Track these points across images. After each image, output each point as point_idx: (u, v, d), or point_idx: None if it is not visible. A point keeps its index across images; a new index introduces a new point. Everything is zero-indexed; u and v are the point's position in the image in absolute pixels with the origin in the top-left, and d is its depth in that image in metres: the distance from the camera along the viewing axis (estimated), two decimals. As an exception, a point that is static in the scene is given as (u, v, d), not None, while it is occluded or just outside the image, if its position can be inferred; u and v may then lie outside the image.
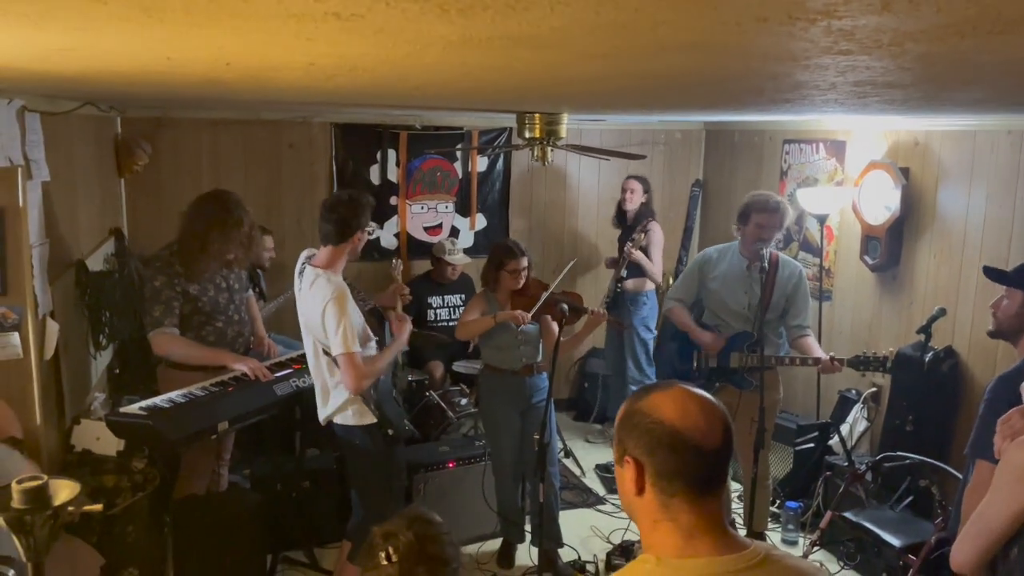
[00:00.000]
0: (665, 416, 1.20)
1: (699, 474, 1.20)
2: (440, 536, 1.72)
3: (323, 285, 3.14)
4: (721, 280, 4.02)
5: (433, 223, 5.73)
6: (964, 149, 4.06)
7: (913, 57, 1.35)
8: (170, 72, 1.54)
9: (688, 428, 1.19)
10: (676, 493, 1.21)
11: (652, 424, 1.21)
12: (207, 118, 5.06)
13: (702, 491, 1.21)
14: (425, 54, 1.38)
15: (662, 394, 1.24)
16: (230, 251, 3.52)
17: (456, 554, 1.75)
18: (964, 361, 4.06)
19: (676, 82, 1.91)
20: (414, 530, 1.69)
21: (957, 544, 2.00)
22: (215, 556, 3.39)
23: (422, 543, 1.67)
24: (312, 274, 3.22)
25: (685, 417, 1.19)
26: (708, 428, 1.19)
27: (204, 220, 3.45)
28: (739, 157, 5.86)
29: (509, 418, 3.91)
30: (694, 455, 1.19)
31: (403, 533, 1.68)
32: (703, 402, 1.22)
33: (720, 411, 1.22)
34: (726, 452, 1.21)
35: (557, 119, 3.91)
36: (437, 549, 1.68)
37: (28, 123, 2.98)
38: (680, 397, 1.22)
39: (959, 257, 4.10)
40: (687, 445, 1.18)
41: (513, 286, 3.84)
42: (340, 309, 3.05)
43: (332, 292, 3.09)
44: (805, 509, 4.39)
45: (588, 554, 4.16)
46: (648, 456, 1.22)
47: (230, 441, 3.95)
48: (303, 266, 3.33)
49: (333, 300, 3.06)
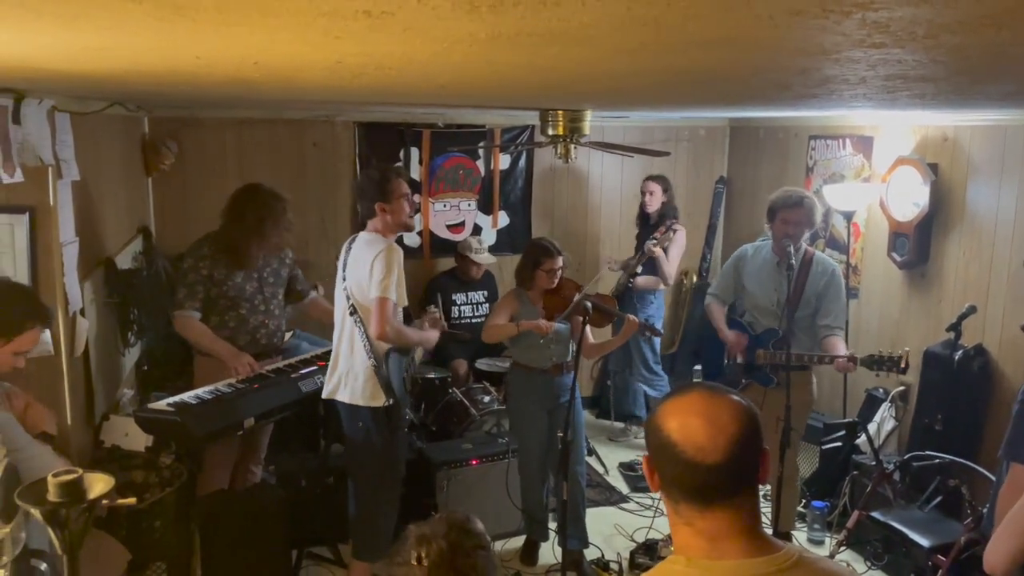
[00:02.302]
0: (666, 427, 1.20)
1: (697, 487, 1.18)
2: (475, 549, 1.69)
3: (378, 241, 3.26)
4: (755, 277, 4.00)
5: (456, 221, 5.73)
6: (994, 144, 3.99)
7: (947, 49, 1.33)
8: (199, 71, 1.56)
9: (684, 442, 1.17)
10: (680, 501, 1.21)
11: (657, 432, 1.21)
12: (232, 117, 5.11)
13: (707, 502, 1.19)
14: (452, 52, 1.38)
15: (675, 402, 1.23)
16: (267, 240, 3.65)
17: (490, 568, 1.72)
18: (994, 359, 4.00)
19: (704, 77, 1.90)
20: (449, 539, 1.67)
21: (991, 546, 1.97)
22: (241, 551, 3.41)
23: (454, 553, 1.65)
24: (366, 235, 3.33)
25: (683, 430, 1.18)
26: (708, 443, 1.16)
27: (256, 212, 3.58)
28: (764, 153, 5.80)
29: (537, 416, 3.91)
30: (688, 469, 1.17)
31: (437, 540, 1.66)
32: (711, 414, 1.18)
33: (731, 425, 1.17)
34: (732, 466, 1.17)
35: (580, 116, 3.90)
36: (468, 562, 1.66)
37: (58, 123, 3.02)
38: (687, 408, 1.20)
39: (989, 254, 4.04)
40: (681, 459, 1.17)
41: (547, 285, 3.84)
42: (390, 262, 3.17)
43: (386, 245, 3.22)
44: (832, 509, 4.34)
45: (612, 552, 4.14)
46: (656, 462, 1.23)
47: (265, 440, 3.98)
48: (353, 237, 3.42)
49: (386, 251, 3.18)
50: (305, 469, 4.10)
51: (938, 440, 3.95)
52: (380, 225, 3.32)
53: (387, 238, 3.30)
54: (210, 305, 3.62)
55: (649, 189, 5.28)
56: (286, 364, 3.75)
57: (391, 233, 3.35)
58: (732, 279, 4.12)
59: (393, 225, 3.33)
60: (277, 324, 3.84)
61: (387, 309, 3.14)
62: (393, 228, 3.34)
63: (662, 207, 5.27)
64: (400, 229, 3.39)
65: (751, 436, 1.19)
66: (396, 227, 3.35)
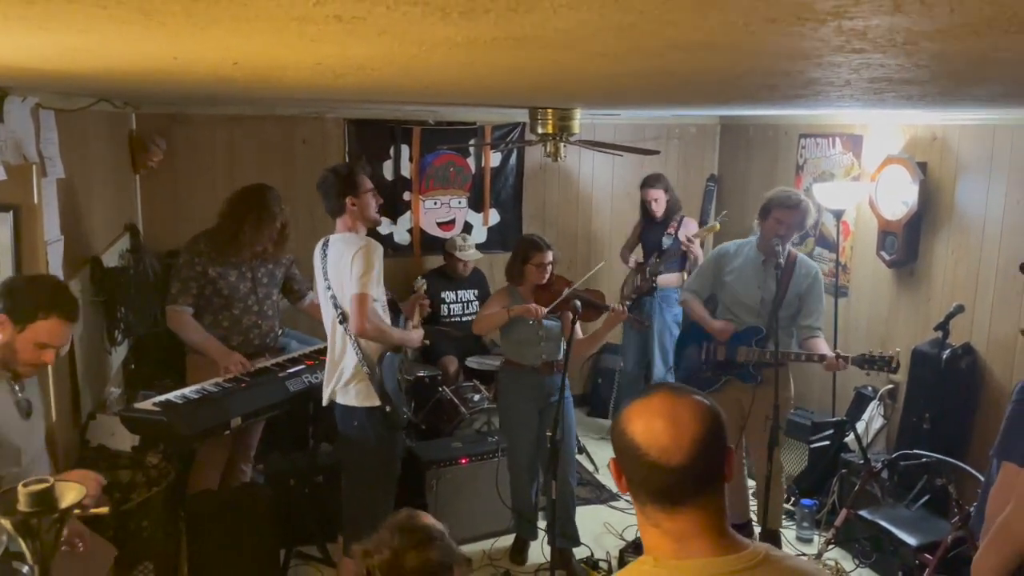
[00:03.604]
0: (631, 429, 1.21)
1: (661, 488, 1.19)
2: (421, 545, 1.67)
3: (355, 239, 3.23)
4: (736, 274, 4.00)
5: (446, 219, 5.72)
6: (983, 144, 4.00)
7: (929, 55, 1.32)
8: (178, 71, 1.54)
9: (647, 444, 1.18)
10: (647, 503, 1.22)
11: (622, 435, 1.22)
12: (221, 114, 5.08)
13: (673, 503, 1.19)
14: (431, 55, 1.37)
15: (639, 404, 1.23)
16: (260, 243, 3.65)
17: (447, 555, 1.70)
18: (982, 358, 4.01)
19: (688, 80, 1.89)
20: (392, 545, 1.65)
21: (980, 555, 1.95)
22: (229, 550, 3.41)
23: (400, 557, 1.63)
24: (340, 236, 3.29)
25: (647, 432, 1.19)
26: (671, 445, 1.16)
27: (241, 210, 3.62)
28: (754, 152, 5.80)
29: (527, 415, 3.90)
30: (653, 471, 1.18)
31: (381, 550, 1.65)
32: (674, 415, 1.18)
33: (693, 425, 1.18)
34: (696, 466, 1.17)
35: (570, 114, 3.89)
36: (418, 560, 1.64)
37: (43, 120, 2.99)
38: (651, 410, 1.20)
39: (977, 253, 4.05)
40: (645, 461, 1.18)
41: (538, 280, 3.83)
42: (369, 257, 3.14)
43: (364, 242, 3.19)
44: (820, 507, 4.35)
45: (601, 551, 4.14)
46: (622, 463, 1.24)
47: (255, 439, 3.98)
48: (326, 240, 3.37)
49: (364, 247, 3.15)
50: (294, 468, 4.09)
51: (926, 438, 3.96)
52: (350, 221, 3.26)
53: (361, 234, 3.27)
54: (204, 304, 3.63)
55: (653, 197, 5.18)
56: (274, 363, 3.73)
57: (360, 229, 3.30)
58: (711, 276, 4.11)
59: (362, 219, 3.29)
60: (271, 325, 3.83)
61: (366, 305, 3.11)
62: (363, 222, 3.30)
63: (667, 207, 5.24)
64: (368, 224, 3.35)
65: (715, 436, 1.20)
66: (365, 221, 3.31)
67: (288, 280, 3.96)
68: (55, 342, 2.25)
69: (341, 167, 3.38)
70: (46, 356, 2.25)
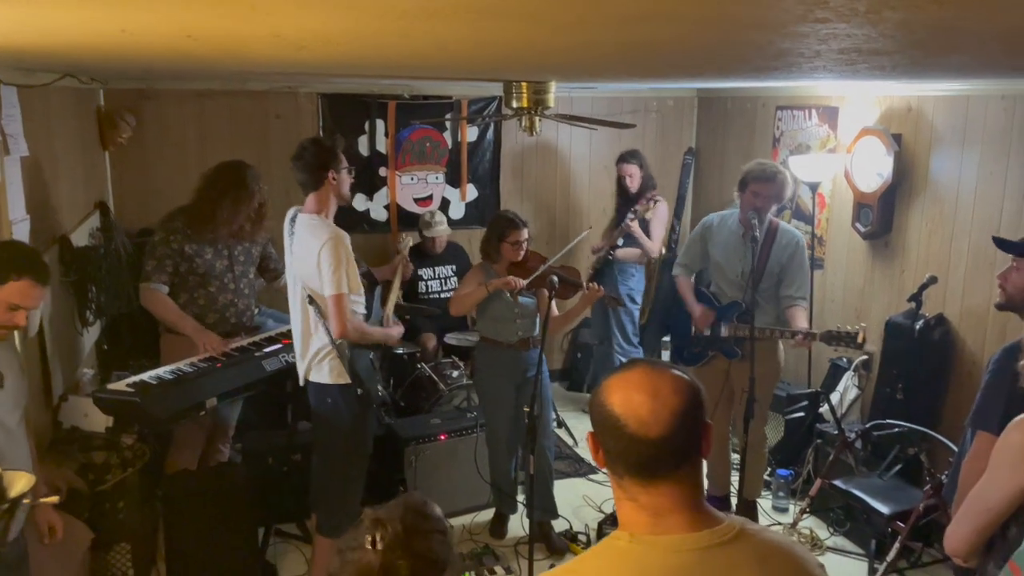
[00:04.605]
0: (610, 401, 1.21)
1: (640, 461, 1.19)
2: (430, 533, 1.67)
3: (322, 228, 3.14)
4: (721, 247, 4.01)
5: (423, 194, 5.68)
6: (956, 114, 4.01)
7: (893, 24, 1.31)
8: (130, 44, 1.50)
9: (627, 416, 1.18)
10: (624, 476, 1.22)
11: (601, 407, 1.22)
12: (192, 89, 4.99)
13: (650, 476, 1.20)
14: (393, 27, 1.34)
15: (620, 377, 1.23)
16: (237, 221, 3.61)
17: (446, 552, 1.70)
18: (955, 329, 4.05)
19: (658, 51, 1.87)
20: (405, 522, 1.64)
21: (953, 527, 1.95)
22: (207, 530, 3.39)
23: (410, 537, 1.63)
24: (307, 219, 3.21)
25: (626, 404, 1.19)
26: (650, 417, 1.17)
27: (219, 187, 3.58)
28: (732, 124, 5.79)
29: (504, 391, 3.91)
30: (631, 443, 1.18)
31: (393, 523, 1.64)
32: (654, 389, 1.19)
33: (673, 399, 1.18)
34: (675, 440, 1.17)
35: (545, 88, 3.84)
36: (424, 546, 1.64)
37: (4, 96, 2.92)
38: (631, 383, 1.20)
39: (951, 224, 4.07)
40: (624, 433, 1.18)
41: (513, 258, 3.82)
42: (337, 252, 3.07)
43: (330, 234, 3.10)
44: (796, 476, 4.41)
45: (580, 524, 4.18)
46: (600, 436, 1.24)
47: (233, 418, 3.96)
48: (294, 214, 3.30)
49: (331, 241, 3.08)
50: (272, 447, 4.08)
51: (899, 409, 4.01)
52: (323, 198, 3.19)
53: (328, 222, 3.18)
54: (180, 282, 3.60)
55: (628, 172, 5.21)
56: (250, 342, 3.71)
57: (331, 207, 3.23)
58: (699, 247, 4.12)
59: (336, 196, 3.24)
60: (247, 303, 3.79)
61: (344, 305, 3.08)
62: (336, 199, 3.25)
63: (641, 182, 5.23)
64: (342, 201, 3.29)
65: (693, 410, 1.20)
66: (339, 198, 3.26)
67: (264, 259, 3.92)
68: (27, 303, 2.29)
69: (324, 138, 3.33)
70: (18, 318, 2.29)
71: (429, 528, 1.71)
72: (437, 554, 1.69)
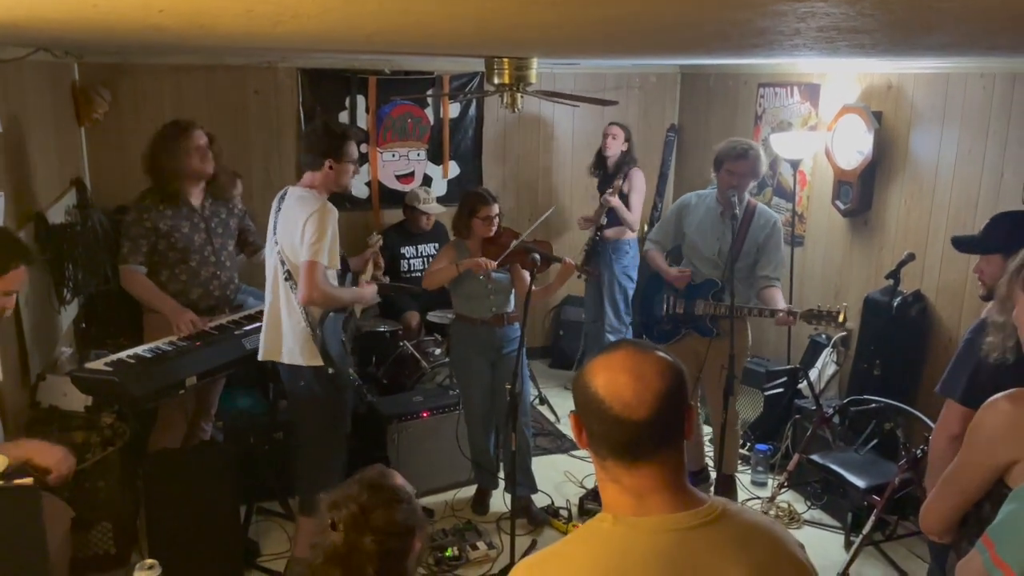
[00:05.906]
0: (594, 383, 1.21)
1: (623, 443, 1.19)
2: (391, 503, 1.67)
3: (312, 199, 3.12)
4: (696, 226, 4.01)
5: (405, 171, 5.64)
6: (936, 92, 4.02)
7: (871, 3, 1.31)
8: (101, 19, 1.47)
9: (611, 398, 1.18)
10: (607, 457, 1.22)
11: (584, 389, 1.22)
12: (168, 64, 4.91)
13: (634, 458, 1.20)
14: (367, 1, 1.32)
15: (604, 358, 1.23)
16: (187, 164, 3.52)
17: (412, 518, 1.70)
18: (932, 305, 4.10)
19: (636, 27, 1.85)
20: (360, 500, 1.65)
21: (927, 505, 1.97)
22: (188, 509, 3.39)
23: (367, 513, 1.63)
24: (299, 191, 3.19)
25: (610, 386, 1.19)
26: (634, 400, 1.17)
27: (152, 148, 3.56)
28: (714, 101, 5.78)
29: (479, 367, 3.92)
30: (615, 425, 1.18)
31: (348, 504, 1.65)
32: (638, 371, 1.19)
33: (656, 381, 1.18)
34: (658, 422, 1.18)
35: (526, 64, 3.81)
36: (385, 519, 1.64)
37: (-27, 72, 2.87)
38: (615, 365, 1.20)
39: (929, 201, 4.10)
40: (607, 415, 1.18)
41: (485, 234, 3.81)
42: (323, 223, 3.05)
43: (319, 205, 3.09)
44: (774, 451, 4.47)
45: (561, 499, 4.22)
46: (584, 418, 1.24)
47: (215, 397, 3.94)
48: (285, 192, 3.28)
49: (319, 212, 3.06)
50: (253, 425, 4.07)
51: (877, 384, 4.06)
52: (319, 180, 3.20)
53: (321, 196, 3.18)
54: (159, 259, 3.56)
55: (612, 132, 5.19)
56: (230, 320, 3.68)
57: (327, 192, 3.23)
58: (673, 226, 4.13)
59: (334, 185, 3.22)
60: (229, 276, 3.76)
61: (316, 273, 3.06)
62: (333, 187, 3.23)
63: (621, 155, 5.20)
64: (338, 190, 3.28)
65: (677, 392, 1.20)
66: (336, 188, 3.24)
67: (243, 232, 3.89)
68: (21, 288, 2.36)
69: (336, 124, 3.30)
70: (8, 303, 2.34)
71: (387, 499, 1.72)
72: (400, 524, 1.70)
